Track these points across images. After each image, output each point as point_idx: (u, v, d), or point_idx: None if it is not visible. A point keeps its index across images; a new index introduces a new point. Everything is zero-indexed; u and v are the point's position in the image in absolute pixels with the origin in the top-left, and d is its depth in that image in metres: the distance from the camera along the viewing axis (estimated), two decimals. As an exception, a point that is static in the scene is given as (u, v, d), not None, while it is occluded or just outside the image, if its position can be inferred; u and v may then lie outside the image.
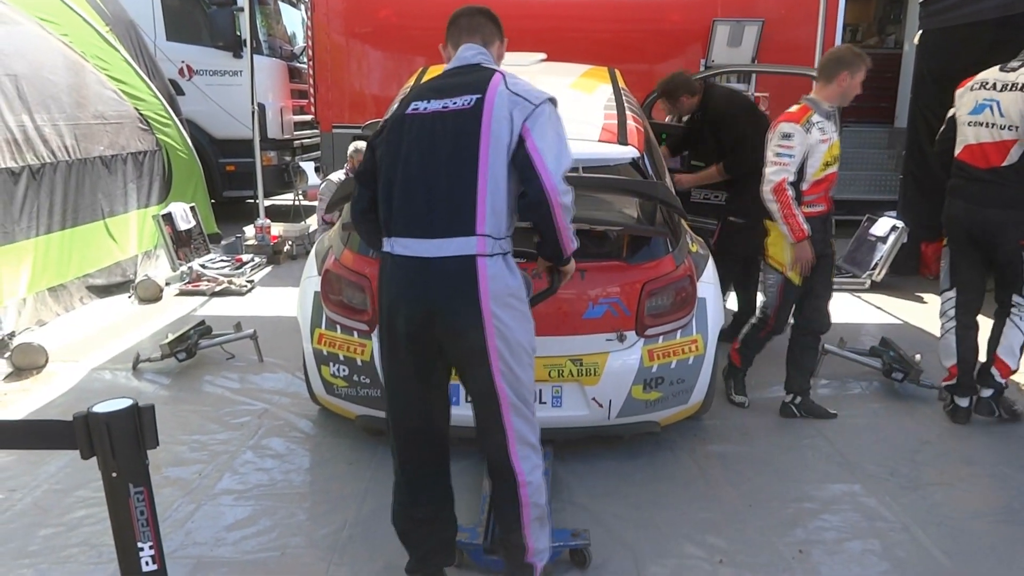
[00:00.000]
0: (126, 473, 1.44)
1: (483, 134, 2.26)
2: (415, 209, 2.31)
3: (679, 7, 8.69)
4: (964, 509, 3.28)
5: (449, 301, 2.28)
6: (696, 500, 3.31)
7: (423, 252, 2.29)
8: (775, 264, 3.95)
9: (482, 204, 2.26)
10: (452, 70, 2.50)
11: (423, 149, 2.32)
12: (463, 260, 2.26)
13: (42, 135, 5.54)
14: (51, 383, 4.43)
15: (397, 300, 2.35)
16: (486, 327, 2.27)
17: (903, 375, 4.39)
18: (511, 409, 2.38)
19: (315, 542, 2.97)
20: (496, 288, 2.28)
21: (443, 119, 2.33)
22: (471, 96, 2.31)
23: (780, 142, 3.77)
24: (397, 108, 2.48)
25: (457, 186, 2.28)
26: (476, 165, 2.26)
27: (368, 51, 8.85)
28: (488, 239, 2.27)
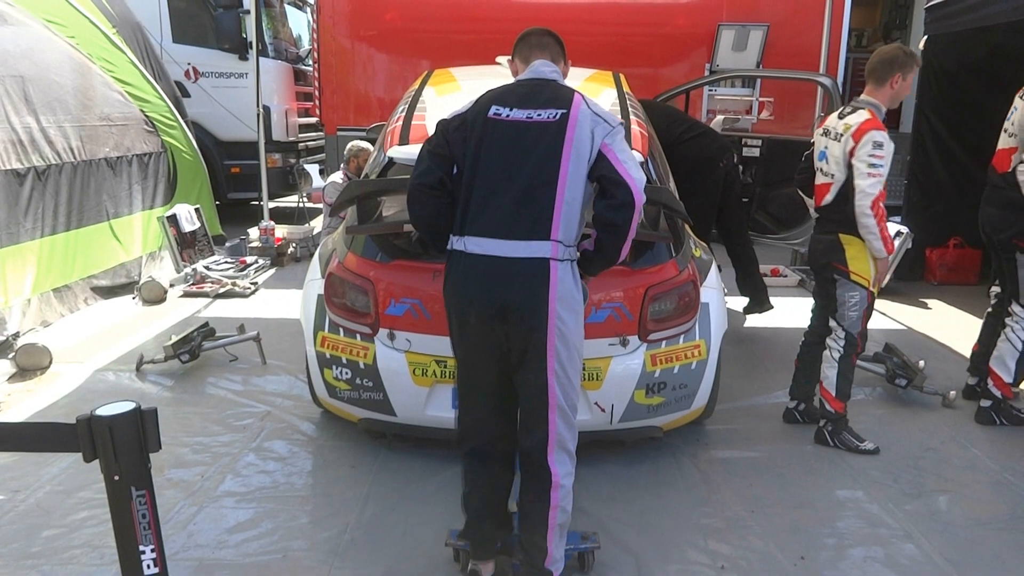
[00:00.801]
0: (128, 476, 1.44)
1: (566, 147, 2.41)
2: (496, 212, 2.42)
3: (684, 11, 8.70)
4: (968, 516, 3.26)
5: (521, 298, 2.40)
6: (699, 506, 3.30)
7: (500, 252, 2.40)
8: (860, 280, 3.63)
9: (559, 212, 2.40)
10: (529, 81, 2.62)
11: (507, 155, 2.45)
12: (538, 262, 2.39)
13: (47, 137, 5.56)
14: (55, 384, 4.44)
15: (471, 295, 2.46)
16: (550, 326, 2.40)
17: (907, 381, 4.38)
18: (557, 411, 2.48)
19: (317, 545, 2.97)
20: (563, 291, 2.41)
21: (528, 129, 2.46)
22: (556, 110, 2.46)
23: (874, 152, 3.44)
24: (473, 108, 2.56)
25: (538, 193, 2.41)
26: (557, 176, 2.40)
27: (373, 54, 8.87)
28: (560, 245, 2.41)
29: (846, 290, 3.68)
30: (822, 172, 3.74)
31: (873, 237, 3.51)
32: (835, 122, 3.68)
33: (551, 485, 2.51)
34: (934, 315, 6.25)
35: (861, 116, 3.54)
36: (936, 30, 6.51)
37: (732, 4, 8.60)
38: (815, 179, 3.82)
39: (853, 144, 3.48)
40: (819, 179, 3.77)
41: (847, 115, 3.61)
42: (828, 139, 3.68)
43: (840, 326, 3.75)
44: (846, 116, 3.61)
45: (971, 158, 6.82)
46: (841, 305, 3.71)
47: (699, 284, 3.49)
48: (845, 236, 3.61)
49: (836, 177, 3.61)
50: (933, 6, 6.43)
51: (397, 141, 3.56)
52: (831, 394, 3.80)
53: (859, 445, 3.79)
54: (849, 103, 3.70)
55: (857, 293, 3.66)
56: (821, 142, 3.75)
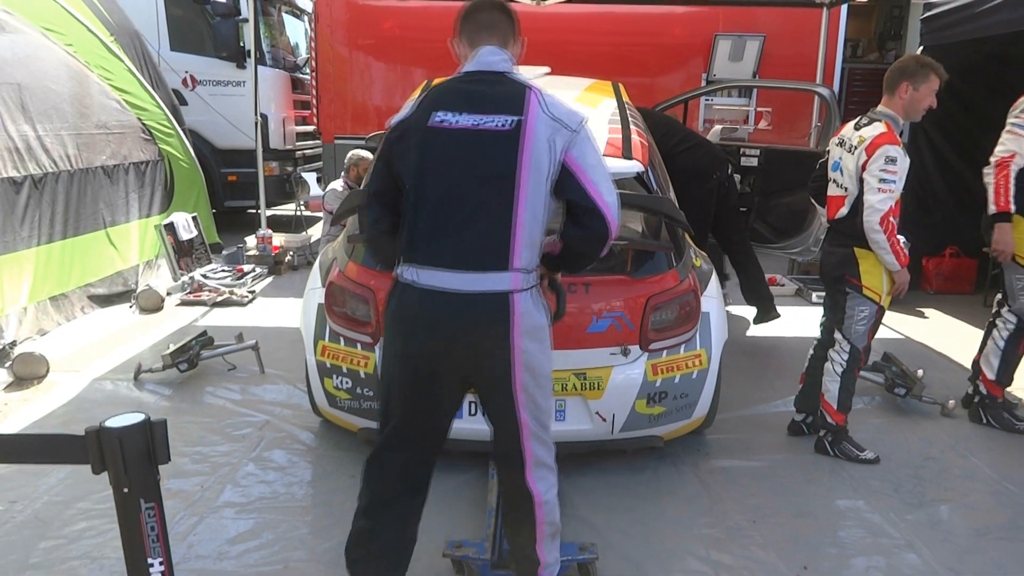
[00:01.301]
0: (137, 489, 1.43)
1: (522, 163, 2.14)
2: (445, 239, 2.17)
3: (681, 22, 8.74)
4: (969, 526, 3.27)
5: (480, 337, 2.20)
6: (700, 515, 3.30)
7: (453, 285, 2.16)
8: (871, 295, 3.61)
9: (517, 238, 2.16)
10: (476, 75, 2.30)
11: (454, 172, 2.19)
12: (497, 296, 2.17)
13: (44, 145, 5.54)
14: (52, 393, 4.41)
15: (419, 334, 2.23)
16: (515, 362, 2.21)
17: (906, 390, 4.39)
18: (531, 436, 2.34)
19: (318, 556, 2.96)
20: (527, 323, 2.21)
21: (478, 140, 2.18)
22: (508, 117, 2.17)
23: (885, 167, 3.41)
24: (415, 114, 2.27)
25: (493, 217, 2.16)
26: (514, 196, 2.14)
27: (371, 63, 8.89)
28: (521, 273, 2.19)
29: (856, 304, 3.65)
30: (835, 183, 3.71)
31: (884, 252, 3.48)
32: (851, 132, 3.65)
33: (534, 504, 2.39)
34: (931, 324, 6.27)
35: (877, 129, 3.51)
36: (932, 41, 6.55)
37: (728, 15, 8.66)
38: (828, 189, 3.79)
39: (866, 158, 3.45)
40: (832, 190, 3.74)
41: (863, 126, 3.59)
42: (843, 150, 3.65)
43: (845, 339, 3.73)
44: (862, 127, 3.59)
45: (967, 168, 6.84)
46: (849, 318, 3.69)
47: (700, 294, 3.49)
48: (860, 250, 3.57)
49: (850, 191, 3.58)
50: (929, 17, 6.48)
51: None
52: (832, 407, 3.79)
53: (859, 455, 3.79)
54: (866, 114, 3.66)
55: (867, 308, 3.64)
56: (836, 152, 3.73)
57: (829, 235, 3.82)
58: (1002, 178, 3.96)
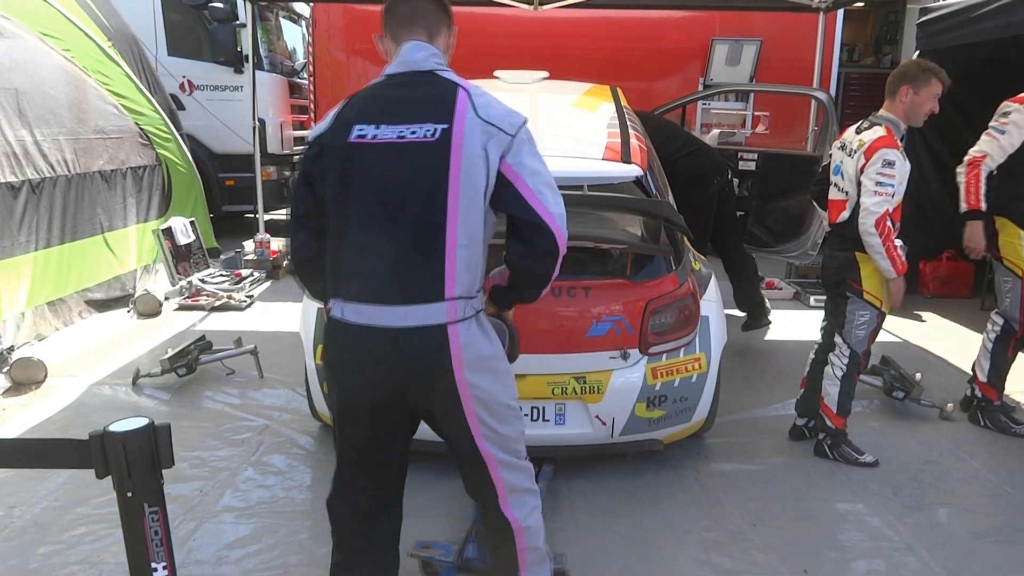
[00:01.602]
0: (141, 493, 1.43)
1: (452, 176, 1.90)
2: (371, 269, 1.96)
3: (679, 26, 8.77)
4: (968, 529, 3.27)
5: (418, 377, 1.99)
6: (700, 519, 3.30)
7: (383, 321, 1.95)
8: (872, 300, 3.61)
9: (452, 262, 1.92)
10: (399, 78, 2.06)
11: (379, 192, 1.95)
12: (432, 331, 1.94)
13: (42, 150, 5.54)
14: (50, 398, 4.40)
15: (353, 376, 2.05)
16: (463, 399, 2.00)
17: (904, 394, 4.39)
18: (499, 466, 2.14)
19: (317, 560, 2.95)
20: (470, 356, 1.98)
21: (400, 154, 1.94)
22: (434, 125, 1.93)
23: (883, 170, 3.40)
24: (333, 127, 2.03)
25: (422, 242, 1.93)
26: (444, 217, 1.90)
27: (369, 67, 8.90)
28: (459, 302, 1.96)
29: (857, 308, 3.65)
30: (836, 187, 3.73)
31: (879, 257, 3.47)
32: (852, 136, 3.68)
33: (513, 531, 2.21)
34: (929, 328, 6.28)
35: (876, 132, 3.52)
36: (928, 46, 6.57)
37: (725, 19, 8.69)
38: (829, 193, 3.80)
39: (864, 161, 3.47)
40: (834, 194, 3.75)
41: (864, 130, 3.61)
42: (843, 154, 3.68)
43: (846, 343, 3.74)
44: (863, 131, 3.61)
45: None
46: (849, 323, 3.69)
47: (699, 297, 3.50)
48: (861, 254, 3.57)
49: (850, 194, 3.58)
50: (924, 22, 6.50)
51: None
52: (832, 411, 3.80)
53: (858, 458, 3.80)
54: (868, 118, 3.68)
55: (867, 312, 3.64)
56: (838, 156, 3.75)
57: (831, 239, 3.83)
58: (972, 177, 4.07)
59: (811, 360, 4.07)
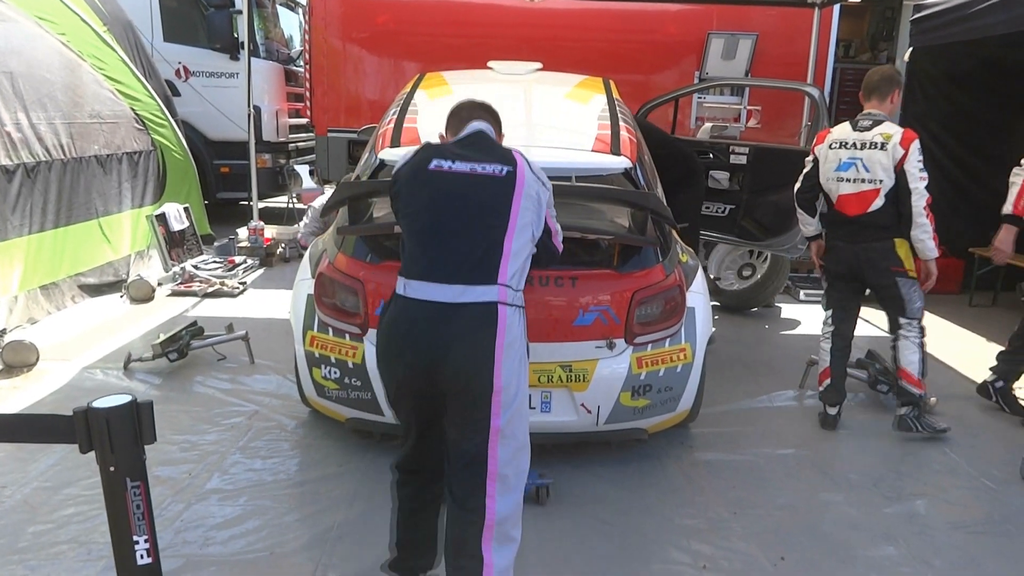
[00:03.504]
0: (124, 468, 1.47)
1: (515, 200, 2.40)
2: (439, 255, 2.34)
3: (674, 19, 8.76)
4: (945, 520, 3.33)
5: (463, 347, 2.28)
6: (682, 507, 3.35)
7: (442, 297, 2.30)
8: (914, 274, 3.99)
9: (507, 258, 2.35)
10: (466, 139, 2.56)
11: (454, 201, 2.39)
12: (485, 307, 2.30)
13: (37, 133, 5.55)
14: (42, 381, 4.43)
15: (406, 341, 2.33)
16: (495, 375, 2.27)
17: (888, 387, 4.45)
18: (497, 479, 2.32)
19: (304, 543, 2.99)
20: (511, 338, 2.31)
21: (475, 180, 2.42)
22: (502, 166, 2.44)
23: (920, 158, 3.81)
24: (412, 160, 2.51)
25: (487, 239, 2.36)
26: (507, 224, 2.37)
27: (365, 56, 8.89)
28: (509, 289, 2.34)
29: (909, 288, 3.97)
30: (849, 181, 3.96)
31: (927, 236, 3.83)
32: (858, 134, 3.93)
33: (483, 567, 2.32)
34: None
35: (894, 127, 3.87)
36: (920, 42, 6.61)
37: (722, 13, 8.68)
38: (838, 190, 4.00)
39: (903, 151, 3.79)
40: (851, 188, 3.96)
41: (870, 128, 3.91)
42: (856, 150, 3.92)
43: (912, 319, 4.03)
44: (870, 128, 3.91)
45: (954, 168, 6.92)
46: (909, 302, 3.99)
47: (685, 288, 3.53)
48: (897, 239, 3.91)
49: (885, 183, 3.86)
50: (917, 19, 6.53)
51: (388, 143, 3.59)
52: (915, 377, 4.03)
53: (936, 427, 4.06)
54: (861, 116, 3.98)
55: (915, 285, 3.98)
56: (841, 154, 3.98)
57: (858, 232, 3.99)
58: None
59: (830, 350, 4.20)
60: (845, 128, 4.01)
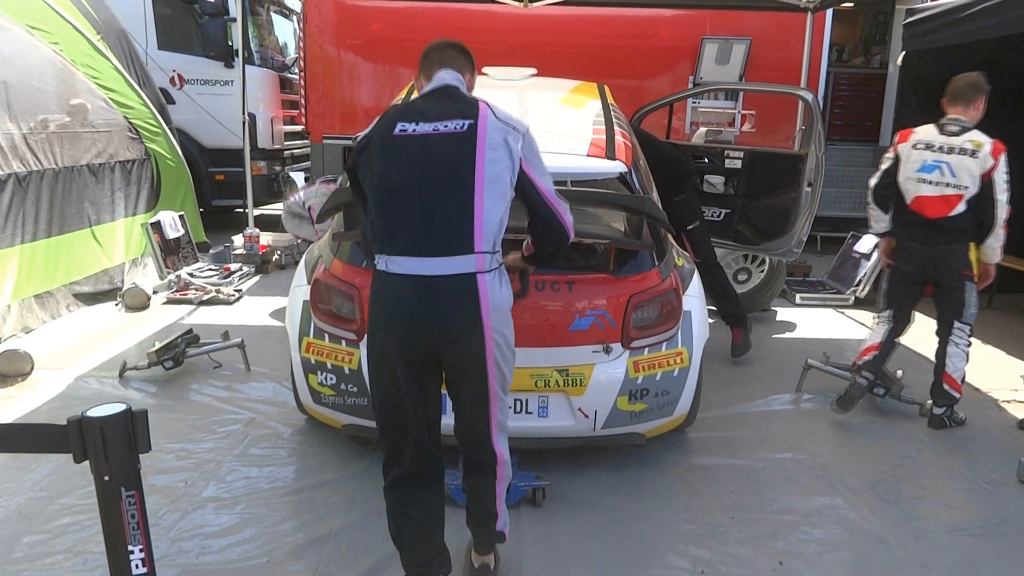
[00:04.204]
0: (118, 477, 1.46)
1: (478, 156, 2.35)
2: (411, 228, 2.35)
3: (668, 24, 8.80)
4: (943, 523, 3.32)
5: (451, 318, 2.35)
6: (680, 512, 3.34)
7: (422, 270, 2.33)
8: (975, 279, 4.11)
9: (479, 223, 2.33)
10: (430, 92, 2.56)
11: (417, 168, 2.37)
12: (464, 278, 2.34)
13: (29, 143, 5.53)
14: (37, 390, 4.41)
15: (394, 318, 2.38)
16: (487, 341, 2.38)
17: (885, 390, 4.45)
18: (496, 402, 2.52)
19: (300, 551, 2.98)
20: (495, 302, 2.38)
21: (436, 140, 2.38)
22: (462, 120, 2.40)
23: (1007, 169, 3.92)
24: (377, 128, 2.49)
25: (454, 205, 2.34)
26: (472, 186, 2.34)
27: (359, 63, 8.90)
28: (486, 255, 2.36)
29: (972, 292, 4.08)
30: (932, 183, 4.04)
31: (999, 244, 3.99)
32: (945, 138, 4.03)
33: (496, 462, 2.59)
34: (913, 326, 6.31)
35: (983, 136, 3.96)
36: (913, 46, 6.64)
37: (715, 18, 8.71)
38: (917, 190, 4.09)
39: (993, 162, 3.90)
40: (932, 191, 4.04)
41: (958, 133, 4.01)
42: (943, 153, 4.01)
43: (965, 323, 4.14)
44: (959, 134, 4.00)
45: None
46: (967, 306, 4.10)
47: (681, 293, 3.54)
48: (970, 243, 4.04)
49: (970, 189, 3.95)
50: (910, 23, 6.56)
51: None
52: (958, 382, 4.19)
53: (962, 419, 4.27)
54: (948, 121, 4.07)
55: (975, 290, 4.10)
56: (926, 156, 4.06)
57: (937, 233, 4.07)
58: None
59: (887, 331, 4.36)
60: (930, 130, 4.10)
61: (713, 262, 5.25)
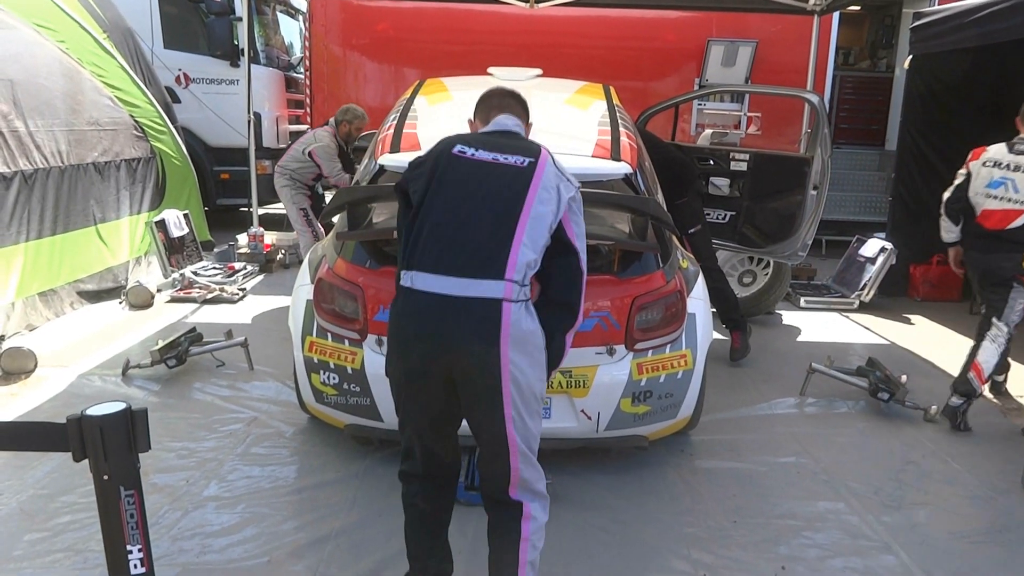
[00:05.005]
0: (117, 476, 1.45)
1: (531, 193, 2.35)
2: (446, 244, 2.31)
3: (674, 26, 8.79)
4: (946, 529, 3.30)
5: (469, 342, 2.26)
6: (682, 515, 3.33)
7: (446, 289, 2.27)
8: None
9: (515, 252, 2.29)
10: (494, 132, 2.59)
11: (467, 190, 2.38)
12: (489, 303, 2.26)
13: (35, 141, 5.54)
14: (40, 388, 4.42)
15: (415, 336, 2.33)
16: (503, 372, 2.26)
17: (889, 395, 4.42)
18: (520, 456, 2.36)
19: (301, 550, 2.97)
20: (516, 332, 2.28)
21: (494, 168, 2.41)
22: (524, 157, 2.43)
23: None
24: (435, 148, 2.50)
25: (496, 232, 2.32)
26: (517, 218, 2.32)
27: (365, 62, 8.91)
28: (515, 285, 2.29)
29: (1018, 296, 4.20)
30: (997, 198, 4.24)
31: None
32: (1014, 157, 4.20)
33: (521, 515, 2.41)
34: (917, 331, 6.32)
35: None
36: (920, 50, 6.61)
37: (721, 20, 8.71)
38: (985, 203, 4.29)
39: None
40: (996, 204, 4.26)
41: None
42: (1009, 171, 4.20)
43: (1005, 324, 4.25)
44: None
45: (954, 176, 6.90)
46: (1010, 310, 4.23)
47: (686, 295, 3.52)
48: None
49: None
50: (917, 26, 6.53)
51: (388, 149, 3.59)
52: (984, 375, 4.28)
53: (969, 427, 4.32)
54: (1018, 140, 4.22)
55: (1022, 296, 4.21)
56: (994, 173, 4.26)
57: (994, 243, 4.28)
58: None
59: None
60: (1001, 149, 4.27)
61: (713, 266, 5.23)
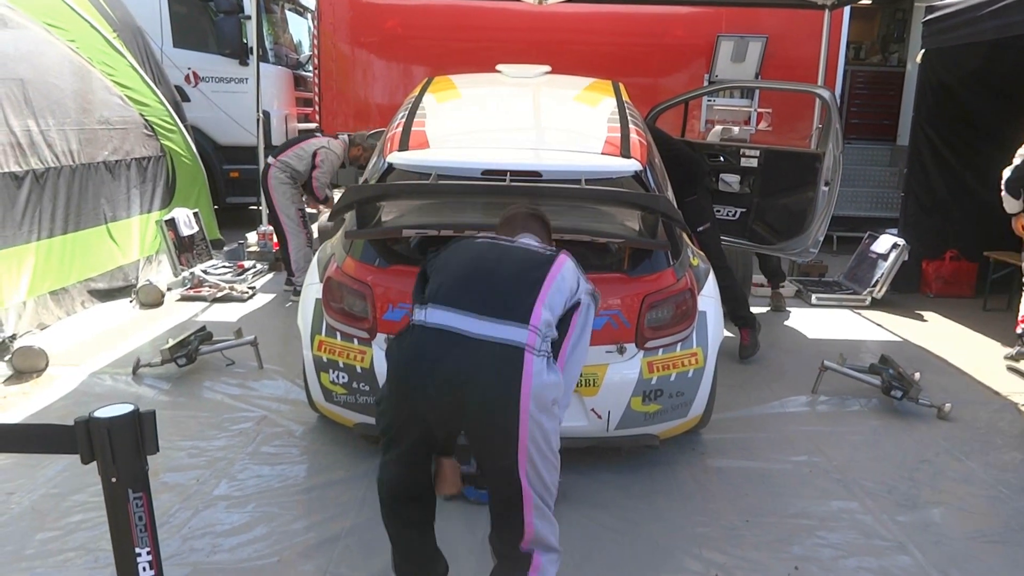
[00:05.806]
0: (126, 478, 1.45)
1: (553, 269, 2.34)
2: (470, 284, 2.26)
3: (684, 22, 8.74)
4: (961, 529, 3.27)
5: (484, 389, 2.12)
6: (694, 515, 3.30)
7: (465, 327, 2.15)
8: None
9: (540, 303, 2.22)
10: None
11: (498, 252, 2.41)
12: (511, 349, 2.13)
13: (47, 140, 5.56)
14: (51, 387, 4.43)
15: (418, 374, 2.18)
16: (521, 428, 2.11)
17: (902, 393, 4.38)
18: (534, 510, 2.24)
19: (311, 549, 2.97)
20: (538, 387, 2.13)
21: (519, 248, 2.48)
22: (547, 248, 2.52)
23: None
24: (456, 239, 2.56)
25: (520, 283, 2.28)
26: (546, 275, 2.31)
27: (373, 60, 8.90)
28: (539, 336, 2.17)
29: None
30: None
31: None
32: None
33: (529, 566, 2.28)
34: (930, 327, 6.26)
35: None
36: (933, 44, 6.55)
37: (731, 16, 8.65)
38: None
39: None
40: None
41: None
42: None
43: None
44: None
45: (967, 171, 6.85)
46: None
47: (696, 293, 3.50)
48: None
49: None
50: (930, 20, 6.47)
51: (397, 147, 3.57)
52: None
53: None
54: None
55: None
56: None
57: None
58: None
59: None
60: None
61: (723, 264, 5.19)
